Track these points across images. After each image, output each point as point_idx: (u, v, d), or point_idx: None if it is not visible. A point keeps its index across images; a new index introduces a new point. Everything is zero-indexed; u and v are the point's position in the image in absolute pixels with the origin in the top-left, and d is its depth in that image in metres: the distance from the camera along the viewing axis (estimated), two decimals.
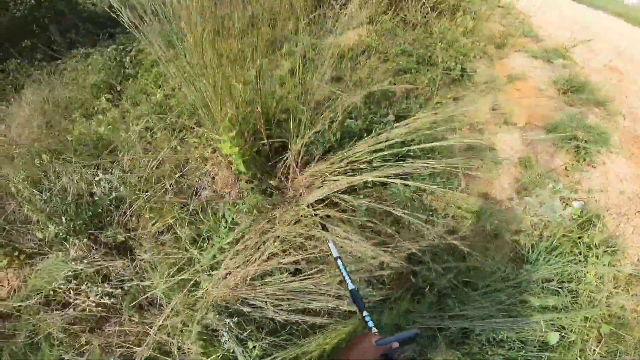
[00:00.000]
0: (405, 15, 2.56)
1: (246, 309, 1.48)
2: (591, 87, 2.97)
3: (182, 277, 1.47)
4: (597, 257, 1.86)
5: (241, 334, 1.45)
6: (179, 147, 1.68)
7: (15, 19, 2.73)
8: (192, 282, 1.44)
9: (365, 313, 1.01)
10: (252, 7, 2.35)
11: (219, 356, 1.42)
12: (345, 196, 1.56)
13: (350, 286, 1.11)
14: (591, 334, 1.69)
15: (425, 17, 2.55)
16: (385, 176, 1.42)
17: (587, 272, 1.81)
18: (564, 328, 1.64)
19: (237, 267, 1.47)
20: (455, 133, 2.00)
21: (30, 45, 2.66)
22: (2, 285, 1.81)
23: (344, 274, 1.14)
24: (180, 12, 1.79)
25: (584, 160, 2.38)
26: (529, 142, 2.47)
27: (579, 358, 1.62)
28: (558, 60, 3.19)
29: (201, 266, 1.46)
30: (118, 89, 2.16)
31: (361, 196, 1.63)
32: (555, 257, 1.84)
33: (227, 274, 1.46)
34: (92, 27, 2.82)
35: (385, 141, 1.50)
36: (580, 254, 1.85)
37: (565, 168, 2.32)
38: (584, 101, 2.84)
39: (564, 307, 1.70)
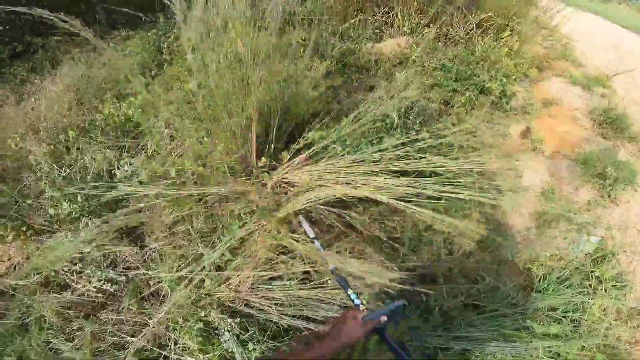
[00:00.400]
0: (449, 30, 2.48)
1: (251, 311, 1.44)
2: (628, 120, 2.84)
3: (189, 271, 1.41)
4: (605, 291, 1.89)
5: (243, 335, 1.41)
6: (205, 139, 1.64)
7: None
8: (199, 278, 1.38)
9: (350, 291, 0.99)
10: (291, 6, 2.34)
11: (216, 354, 1.38)
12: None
13: (332, 266, 1.08)
14: None
15: (468, 33, 2.46)
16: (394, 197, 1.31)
17: (593, 304, 1.84)
18: (559, 355, 1.66)
19: (244, 269, 1.41)
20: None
21: (75, 24, 2.72)
22: (2, 261, 1.74)
23: (323, 254, 1.10)
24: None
25: (609, 196, 2.27)
26: (555, 171, 2.34)
27: None
28: (597, 89, 3.05)
29: (207, 263, 1.40)
30: (152, 74, 2.17)
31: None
32: (565, 288, 1.86)
33: (235, 274, 1.39)
34: (136, 10, 2.87)
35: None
36: (590, 286, 1.88)
37: (589, 202, 2.20)
38: (618, 135, 2.70)
39: (565, 336, 1.72)
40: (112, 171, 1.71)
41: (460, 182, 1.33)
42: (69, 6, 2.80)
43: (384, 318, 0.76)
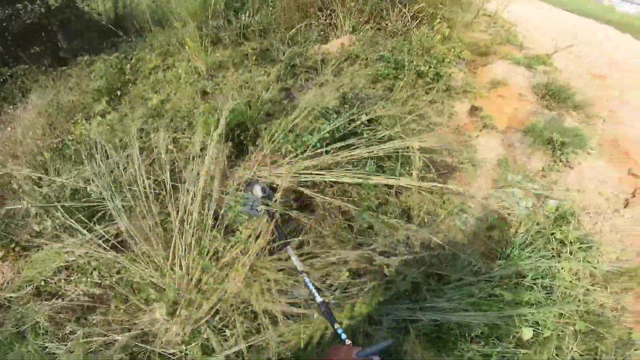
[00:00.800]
0: (387, 24, 2.71)
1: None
2: (570, 91, 3.08)
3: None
4: (571, 253, 1.88)
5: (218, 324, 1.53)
6: (170, 147, 1.81)
7: (25, 26, 2.91)
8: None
9: (337, 325, 1.03)
10: (244, 19, 2.53)
11: (197, 344, 1.50)
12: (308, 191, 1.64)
13: (319, 299, 1.12)
14: (567, 330, 1.68)
15: (405, 26, 2.69)
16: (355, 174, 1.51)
17: (562, 268, 1.83)
18: (538, 324, 1.66)
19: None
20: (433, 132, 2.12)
21: (39, 51, 2.84)
22: None
23: (311, 288, 1.13)
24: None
25: (561, 161, 2.47)
26: (509, 144, 2.57)
27: (555, 356, 1.61)
28: (539, 67, 3.31)
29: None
30: (118, 94, 2.32)
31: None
32: (529, 253, 1.88)
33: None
34: (97, 36, 3.00)
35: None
36: (554, 249, 1.89)
37: (542, 169, 2.41)
38: (561, 105, 2.95)
39: (538, 303, 1.71)
40: (88, 186, 1.87)
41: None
42: (30, 36, 2.92)
43: (376, 358, 0.80)
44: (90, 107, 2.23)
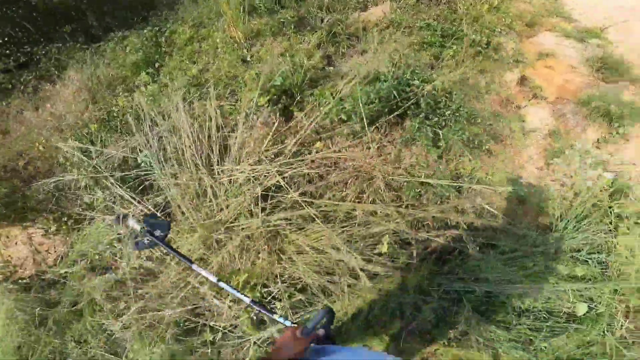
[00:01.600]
0: None
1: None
2: (627, 65, 2.86)
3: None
4: (628, 228, 1.79)
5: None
6: (215, 114, 1.78)
7: (54, 6, 2.92)
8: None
9: (276, 315, 1.04)
10: None
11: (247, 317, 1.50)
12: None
13: (247, 300, 1.08)
14: (620, 307, 1.63)
15: None
16: None
17: (617, 243, 1.75)
18: (592, 300, 1.61)
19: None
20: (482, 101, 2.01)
21: (71, 30, 2.85)
22: (49, 253, 1.88)
23: (233, 292, 1.09)
24: None
25: (617, 133, 2.32)
26: (560, 115, 2.42)
27: (605, 332, 1.58)
28: (592, 40, 3.08)
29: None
30: (156, 66, 2.30)
31: None
32: (585, 226, 1.79)
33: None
34: (127, 12, 2.97)
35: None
36: (611, 223, 1.80)
37: (597, 140, 2.27)
38: (618, 79, 2.75)
39: (593, 278, 1.65)
40: (136, 156, 1.87)
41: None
42: (60, 15, 2.92)
43: (321, 331, 0.87)
44: (130, 80, 2.23)
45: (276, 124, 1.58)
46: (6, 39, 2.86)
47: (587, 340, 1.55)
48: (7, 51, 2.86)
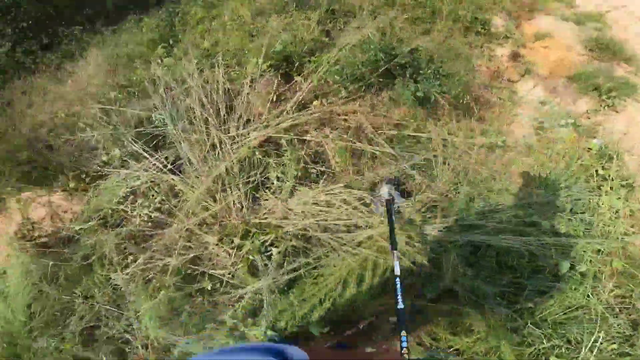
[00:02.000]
0: None
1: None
2: (621, 45, 2.94)
3: None
4: (611, 188, 1.88)
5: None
6: (223, 79, 1.95)
7: None
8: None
9: (403, 333, 1.00)
10: None
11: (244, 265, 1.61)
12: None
13: (400, 305, 1.12)
14: (604, 268, 1.69)
15: None
16: None
17: (602, 203, 1.83)
18: (574, 257, 1.66)
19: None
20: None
21: (91, 13, 3.07)
22: (65, 212, 1.96)
23: (398, 293, 1.13)
24: None
25: (608, 106, 2.40)
26: (552, 89, 2.52)
27: (590, 294, 1.63)
28: (590, 24, 3.17)
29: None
30: (170, 42, 2.51)
31: None
32: (570, 183, 1.88)
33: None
34: None
35: None
36: (595, 182, 1.90)
37: (587, 111, 2.35)
38: (612, 57, 2.82)
39: (577, 236, 1.71)
40: (151, 117, 2.06)
41: None
42: (79, 2, 3.15)
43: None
44: (147, 55, 2.43)
45: (276, 84, 1.74)
46: (30, 22, 3.09)
47: (573, 303, 1.58)
48: (31, 34, 3.09)
